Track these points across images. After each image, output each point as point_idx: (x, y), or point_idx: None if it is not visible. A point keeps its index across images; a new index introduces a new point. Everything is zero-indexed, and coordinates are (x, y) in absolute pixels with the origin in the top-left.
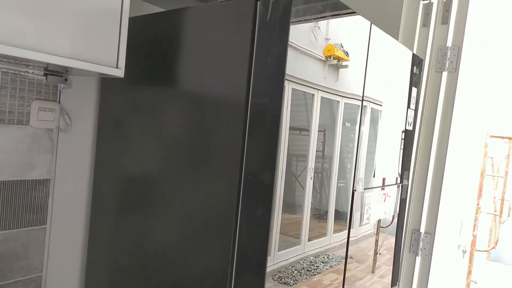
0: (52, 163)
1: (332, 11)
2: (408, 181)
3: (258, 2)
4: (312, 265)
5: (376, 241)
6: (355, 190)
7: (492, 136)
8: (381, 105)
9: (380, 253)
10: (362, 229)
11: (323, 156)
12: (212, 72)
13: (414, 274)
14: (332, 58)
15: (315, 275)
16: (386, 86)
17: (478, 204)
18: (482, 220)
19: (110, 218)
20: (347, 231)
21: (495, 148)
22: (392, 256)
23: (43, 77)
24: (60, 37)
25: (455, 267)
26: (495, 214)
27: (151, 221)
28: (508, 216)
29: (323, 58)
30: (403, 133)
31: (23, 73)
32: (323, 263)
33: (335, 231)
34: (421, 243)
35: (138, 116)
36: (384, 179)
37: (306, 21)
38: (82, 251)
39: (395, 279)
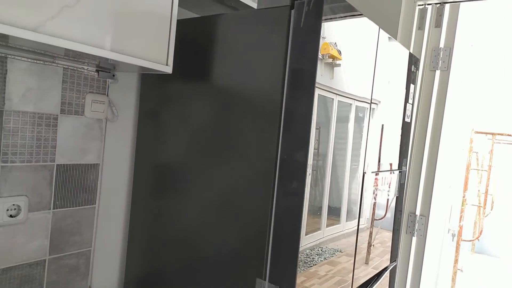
0: (101, 149)
1: (344, 13)
2: (406, 168)
3: (292, 10)
4: (308, 257)
5: (370, 233)
6: (365, 172)
7: (477, 132)
8: (376, 103)
9: (373, 245)
10: (352, 224)
11: (318, 154)
12: (249, 71)
13: (411, 252)
14: (327, 57)
15: (311, 266)
16: (390, 82)
17: (464, 197)
18: (468, 211)
19: (148, 198)
20: (340, 225)
21: (480, 143)
22: (386, 248)
23: (95, 73)
24: (129, 41)
25: (446, 248)
26: (480, 206)
27: (191, 200)
28: (492, 209)
29: (320, 56)
30: (402, 125)
31: (79, 69)
32: (317, 255)
33: (328, 225)
34: (416, 225)
35: (174, 109)
36: (391, 164)
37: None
38: (124, 228)
39: (394, 257)
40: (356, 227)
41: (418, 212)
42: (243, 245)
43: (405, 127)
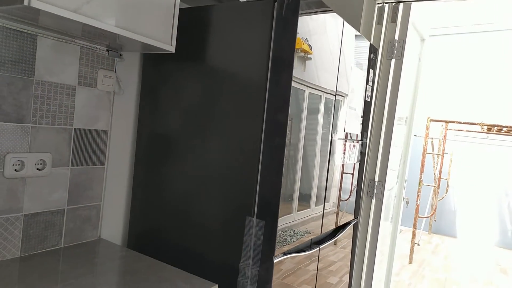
0: (109, 118)
1: (316, 8)
2: (366, 140)
3: (275, 3)
4: (281, 237)
5: (337, 213)
6: (333, 139)
7: (432, 120)
8: (343, 96)
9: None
10: (320, 208)
11: (290, 144)
12: (237, 57)
13: (370, 212)
14: (300, 51)
15: (284, 246)
16: (352, 67)
17: (420, 178)
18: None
19: (148, 163)
20: (310, 209)
21: (435, 130)
22: (351, 231)
23: (105, 52)
24: (143, 24)
25: (400, 213)
26: (434, 186)
27: (185, 165)
28: (446, 193)
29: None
30: (363, 104)
31: (93, 48)
32: (290, 236)
33: (298, 210)
34: (375, 189)
35: (170, 86)
36: (356, 135)
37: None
38: (128, 187)
39: (356, 214)
40: (322, 211)
41: (376, 179)
42: (235, 192)
43: (366, 105)
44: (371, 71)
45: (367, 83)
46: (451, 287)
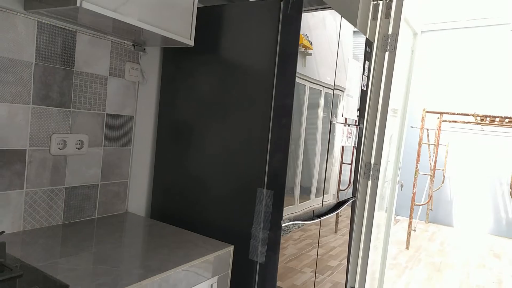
0: (134, 105)
1: (316, 6)
2: (363, 126)
3: (282, 2)
4: (284, 226)
5: (337, 191)
6: (333, 122)
7: (428, 112)
8: (342, 90)
9: (341, 215)
10: (319, 200)
11: (291, 138)
12: (247, 48)
13: (367, 192)
14: (301, 46)
15: (288, 233)
16: (349, 58)
17: (416, 167)
18: (420, 180)
19: (168, 145)
20: (310, 200)
21: (431, 122)
22: (349, 221)
23: (131, 47)
24: (168, 21)
25: (394, 195)
26: (430, 175)
27: (201, 147)
28: (442, 183)
29: None
30: (360, 92)
31: (121, 43)
32: (293, 225)
33: (301, 201)
34: (371, 171)
35: (186, 77)
36: (354, 120)
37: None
38: (151, 167)
39: (354, 193)
40: (321, 202)
41: (372, 162)
42: (247, 168)
43: (362, 94)
44: (367, 62)
45: (363, 74)
46: (445, 270)
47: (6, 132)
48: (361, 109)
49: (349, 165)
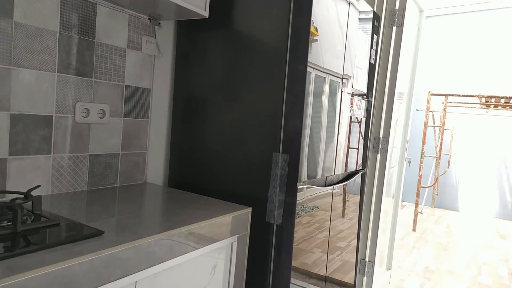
0: (151, 78)
1: None
2: (372, 99)
3: None
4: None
5: (344, 189)
6: (343, 92)
7: (433, 94)
8: (347, 78)
9: (348, 200)
10: (326, 188)
11: (305, 105)
12: (261, 25)
13: (376, 165)
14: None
15: (297, 218)
16: (358, 30)
17: (422, 150)
18: (426, 162)
19: (183, 118)
20: (316, 187)
21: (435, 104)
22: (358, 207)
23: (147, 21)
24: None
25: (402, 171)
26: (436, 157)
27: (220, 115)
28: (448, 167)
29: None
30: (368, 66)
31: (138, 17)
32: (301, 210)
33: (307, 188)
34: (380, 145)
35: (200, 52)
36: (353, 93)
37: None
38: (167, 139)
39: (364, 165)
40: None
41: (381, 135)
42: (263, 134)
43: (371, 67)
44: (375, 36)
45: (371, 47)
46: (452, 250)
47: (34, 98)
48: (370, 82)
49: (359, 138)
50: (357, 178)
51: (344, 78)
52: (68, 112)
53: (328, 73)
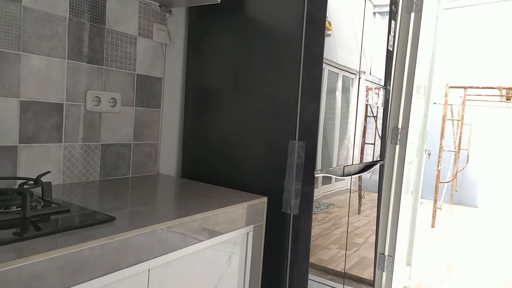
0: (162, 67)
1: None
2: (390, 87)
3: None
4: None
5: (360, 186)
6: (361, 78)
7: (451, 87)
8: (363, 72)
9: (364, 197)
10: (341, 184)
11: (322, 89)
12: (275, 13)
13: (395, 157)
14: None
15: (313, 214)
16: (375, 14)
17: (441, 144)
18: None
19: (195, 108)
20: (331, 184)
21: (454, 96)
22: (374, 203)
23: (158, 8)
24: None
25: (422, 164)
26: (455, 151)
27: (227, 113)
28: (467, 163)
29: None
30: (386, 53)
31: (149, 4)
32: (316, 207)
33: (323, 184)
34: (399, 136)
35: (212, 41)
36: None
37: None
38: (180, 129)
39: (382, 156)
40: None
41: (399, 126)
42: (278, 123)
43: (388, 54)
44: (393, 22)
45: (389, 33)
46: (472, 246)
47: (45, 85)
48: (387, 70)
49: (377, 127)
50: (374, 173)
51: (361, 72)
52: (79, 100)
53: (342, 69)
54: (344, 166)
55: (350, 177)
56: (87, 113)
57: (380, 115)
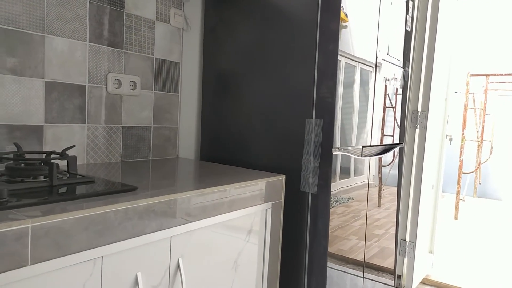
0: (180, 52)
1: None
2: (408, 69)
3: None
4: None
5: (380, 178)
6: (377, 57)
7: (473, 75)
8: (379, 66)
9: (383, 189)
10: (359, 179)
11: (338, 67)
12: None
13: (414, 140)
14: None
15: (331, 208)
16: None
17: (463, 134)
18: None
19: (212, 93)
20: (350, 179)
21: (476, 84)
22: (394, 197)
23: None
24: None
25: (443, 150)
26: (478, 141)
27: (251, 89)
28: (491, 155)
29: None
30: (404, 33)
31: None
32: (335, 201)
33: (341, 179)
34: (418, 119)
35: (228, 27)
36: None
37: None
38: (198, 114)
39: (401, 140)
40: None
41: (419, 109)
42: (294, 102)
43: (407, 35)
44: (410, 2)
45: (406, 13)
46: (496, 238)
47: (67, 67)
48: (406, 51)
49: (395, 110)
50: (393, 167)
51: (377, 65)
52: (101, 83)
53: (359, 62)
54: (362, 147)
55: (368, 160)
56: (109, 95)
57: (399, 107)
